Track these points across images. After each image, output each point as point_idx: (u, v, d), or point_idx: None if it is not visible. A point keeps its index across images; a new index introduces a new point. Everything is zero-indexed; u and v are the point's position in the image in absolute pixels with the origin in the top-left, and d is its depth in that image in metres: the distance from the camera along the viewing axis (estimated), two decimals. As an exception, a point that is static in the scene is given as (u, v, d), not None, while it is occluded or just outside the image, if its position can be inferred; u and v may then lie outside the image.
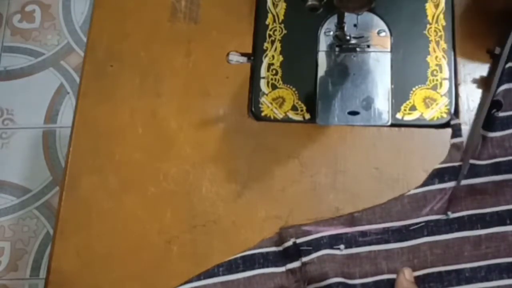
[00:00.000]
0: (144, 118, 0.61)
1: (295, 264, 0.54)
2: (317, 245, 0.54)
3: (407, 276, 0.52)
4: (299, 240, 0.54)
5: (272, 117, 0.60)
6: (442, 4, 0.62)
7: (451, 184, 0.55)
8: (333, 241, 0.54)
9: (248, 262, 0.55)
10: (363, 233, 0.54)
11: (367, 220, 0.55)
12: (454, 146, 0.56)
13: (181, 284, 0.55)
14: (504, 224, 0.53)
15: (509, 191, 0.54)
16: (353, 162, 0.57)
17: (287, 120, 0.60)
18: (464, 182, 0.54)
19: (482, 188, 0.54)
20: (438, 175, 0.55)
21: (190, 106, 0.61)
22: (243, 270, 0.54)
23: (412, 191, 0.55)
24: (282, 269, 0.54)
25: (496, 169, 0.54)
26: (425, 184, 0.55)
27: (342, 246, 0.54)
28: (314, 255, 0.53)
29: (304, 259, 0.53)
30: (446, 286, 0.52)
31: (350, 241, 0.54)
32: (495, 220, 0.53)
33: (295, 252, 0.54)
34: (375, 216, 0.55)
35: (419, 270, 0.53)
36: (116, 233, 0.57)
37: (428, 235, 0.53)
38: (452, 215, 0.54)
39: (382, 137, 0.58)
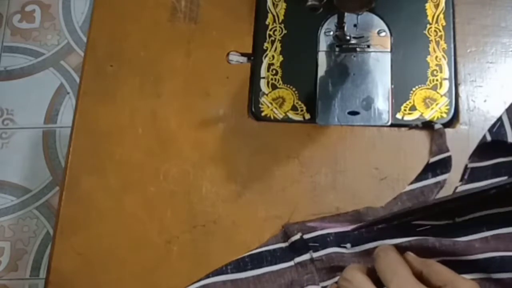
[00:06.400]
0: (144, 118, 0.61)
1: (304, 257, 0.53)
2: (323, 242, 0.53)
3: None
4: (305, 236, 0.54)
5: (272, 117, 0.60)
6: (442, 4, 0.61)
7: (444, 176, 0.54)
8: (339, 239, 0.53)
9: (256, 260, 0.54)
10: (369, 228, 0.53)
11: (373, 215, 0.54)
12: (436, 133, 0.56)
13: (190, 284, 0.54)
14: (510, 225, 0.52)
15: None
16: (353, 162, 0.57)
17: (287, 120, 0.60)
18: (465, 187, 0.54)
19: (484, 191, 0.53)
20: (430, 169, 0.55)
21: (190, 106, 0.61)
22: (252, 269, 0.54)
23: (408, 187, 0.55)
24: (290, 263, 0.54)
25: (497, 171, 0.53)
26: (419, 179, 0.55)
27: (348, 245, 0.53)
28: (322, 252, 0.53)
29: (314, 254, 0.53)
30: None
31: (356, 238, 0.53)
32: (500, 221, 0.52)
33: (302, 246, 0.53)
34: (379, 214, 0.54)
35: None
36: (116, 233, 0.57)
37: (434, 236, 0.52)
38: (459, 219, 0.53)
39: (382, 137, 0.58)
